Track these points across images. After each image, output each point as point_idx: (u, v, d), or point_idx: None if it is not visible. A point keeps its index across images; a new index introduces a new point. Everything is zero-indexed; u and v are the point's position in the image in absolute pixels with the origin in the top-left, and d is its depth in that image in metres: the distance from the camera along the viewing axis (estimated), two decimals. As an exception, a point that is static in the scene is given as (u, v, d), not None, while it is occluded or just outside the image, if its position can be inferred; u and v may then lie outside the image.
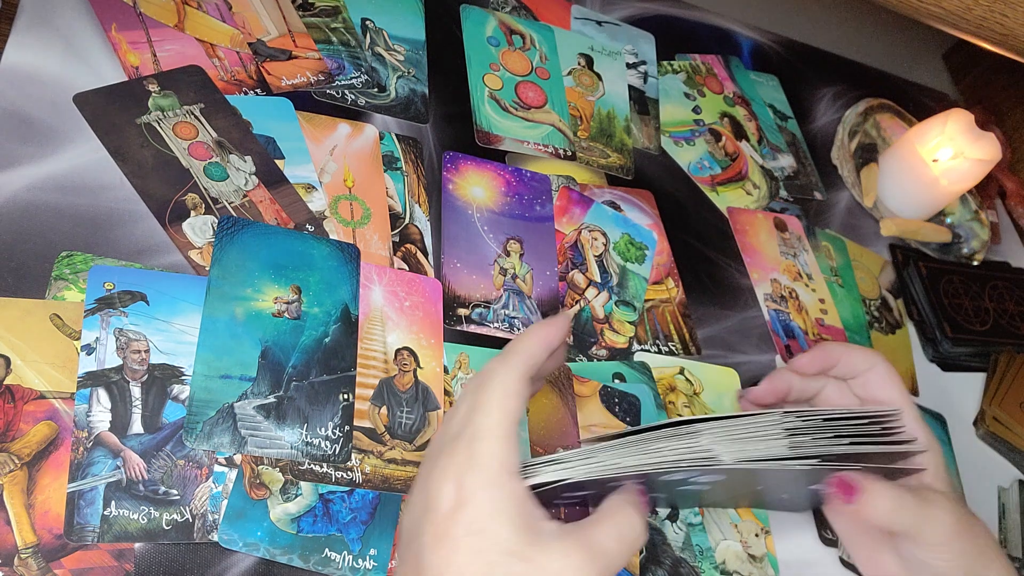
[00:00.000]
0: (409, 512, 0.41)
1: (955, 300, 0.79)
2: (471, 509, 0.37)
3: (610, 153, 0.69)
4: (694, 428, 0.41)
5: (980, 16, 0.61)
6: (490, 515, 0.37)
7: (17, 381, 0.42)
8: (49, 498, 0.41)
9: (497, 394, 0.39)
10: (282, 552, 0.44)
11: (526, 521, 0.37)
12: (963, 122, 0.79)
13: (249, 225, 0.51)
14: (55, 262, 0.46)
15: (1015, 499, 0.70)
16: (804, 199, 0.79)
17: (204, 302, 0.47)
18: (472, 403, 0.40)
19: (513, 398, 0.39)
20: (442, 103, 0.65)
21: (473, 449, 0.38)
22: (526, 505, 0.37)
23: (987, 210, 0.88)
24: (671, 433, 0.41)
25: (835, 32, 1.00)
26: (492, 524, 0.36)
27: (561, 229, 0.63)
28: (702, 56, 0.82)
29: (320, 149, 0.57)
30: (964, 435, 0.73)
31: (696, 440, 0.40)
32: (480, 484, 0.37)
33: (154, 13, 0.57)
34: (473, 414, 0.39)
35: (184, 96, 0.54)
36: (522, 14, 0.74)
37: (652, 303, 0.63)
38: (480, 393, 0.40)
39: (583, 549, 0.37)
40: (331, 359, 0.49)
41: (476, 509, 0.37)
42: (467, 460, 0.38)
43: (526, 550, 0.36)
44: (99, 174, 0.50)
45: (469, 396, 0.41)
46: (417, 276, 0.55)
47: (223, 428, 0.45)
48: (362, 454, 0.48)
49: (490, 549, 0.36)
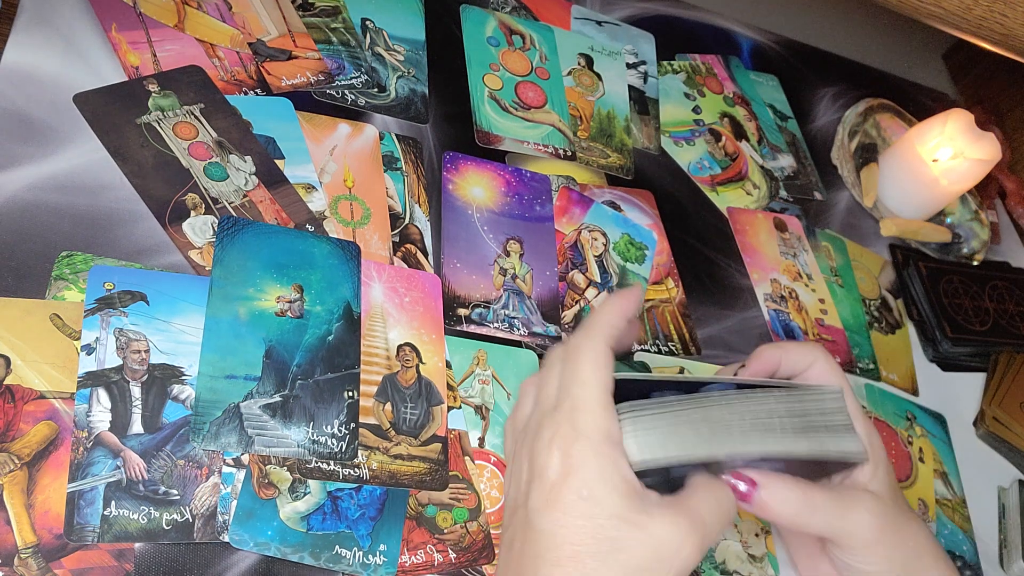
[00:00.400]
0: (513, 483, 0.43)
1: (955, 300, 0.79)
2: (580, 475, 0.38)
3: (610, 153, 0.69)
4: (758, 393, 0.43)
5: (980, 16, 0.61)
6: (598, 481, 0.38)
7: (17, 381, 0.42)
8: (49, 498, 0.41)
9: (589, 366, 0.41)
10: (293, 551, 0.44)
11: (631, 488, 0.39)
12: (963, 122, 0.79)
13: (250, 225, 0.51)
14: (55, 262, 0.46)
15: (1015, 499, 0.70)
16: (804, 199, 0.79)
17: (207, 303, 0.47)
18: (565, 376, 0.41)
19: (603, 368, 0.41)
20: (442, 103, 0.65)
21: (575, 420, 0.40)
22: (629, 473, 0.39)
23: (987, 210, 0.88)
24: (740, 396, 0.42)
25: (835, 32, 1.00)
26: (601, 490, 0.38)
27: (561, 229, 0.63)
28: (702, 56, 0.82)
29: (320, 149, 0.57)
30: (964, 435, 0.73)
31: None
32: (587, 453, 0.39)
33: (154, 13, 0.57)
34: (570, 386, 0.41)
35: (184, 96, 0.54)
36: (522, 14, 0.74)
37: (652, 303, 0.63)
38: (571, 365, 0.41)
39: (687, 518, 0.39)
40: (335, 357, 0.49)
41: (585, 476, 0.38)
42: (571, 431, 0.39)
43: (634, 516, 0.38)
44: (99, 174, 0.50)
45: (557, 370, 0.43)
46: (416, 272, 0.55)
47: (230, 428, 0.45)
48: (368, 450, 0.48)
49: (599, 513, 0.38)
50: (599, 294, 0.61)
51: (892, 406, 0.69)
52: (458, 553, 0.47)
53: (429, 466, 0.49)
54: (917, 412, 0.71)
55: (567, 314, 0.59)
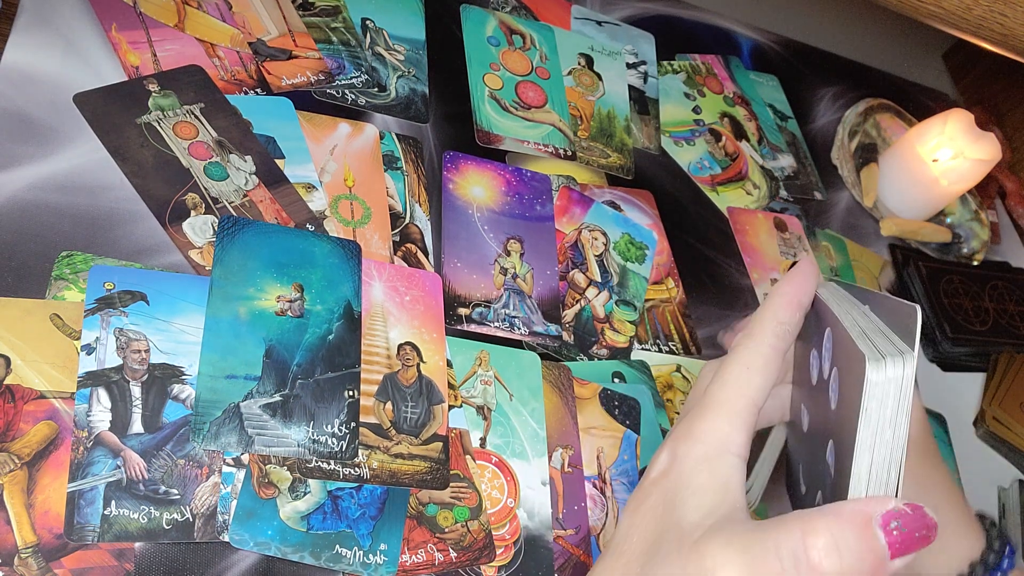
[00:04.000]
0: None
1: (955, 300, 0.79)
2: (673, 478, 0.34)
3: (610, 153, 0.69)
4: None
5: (980, 16, 0.61)
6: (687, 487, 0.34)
7: (17, 381, 0.42)
8: (49, 498, 0.40)
9: (735, 368, 0.36)
10: (293, 550, 0.44)
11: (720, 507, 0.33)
12: (963, 122, 0.79)
13: (250, 224, 0.51)
14: (55, 262, 0.46)
15: (1015, 499, 0.70)
16: (804, 199, 0.79)
17: (207, 302, 0.47)
18: (715, 376, 0.37)
19: (755, 373, 0.35)
20: (442, 103, 0.65)
21: (693, 422, 0.35)
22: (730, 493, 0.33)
23: (987, 210, 0.88)
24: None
25: (835, 32, 1.00)
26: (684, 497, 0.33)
27: (561, 229, 0.63)
28: (702, 56, 0.82)
29: (320, 149, 0.57)
30: (964, 435, 0.73)
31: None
32: (692, 456, 0.34)
33: (154, 13, 0.56)
34: (710, 386, 0.36)
35: (184, 96, 0.54)
36: (522, 14, 0.74)
37: (652, 303, 0.63)
38: (722, 365, 0.37)
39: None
40: (335, 356, 0.49)
41: (677, 479, 0.34)
42: (686, 431, 0.35)
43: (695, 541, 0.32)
44: (99, 174, 0.50)
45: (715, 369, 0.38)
46: (416, 271, 0.55)
47: (230, 428, 0.45)
48: (369, 450, 0.48)
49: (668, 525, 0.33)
50: (599, 293, 0.61)
51: (892, 406, 0.69)
52: (459, 552, 0.47)
53: (430, 465, 0.49)
54: (917, 412, 0.71)
55: (568, 313, 0.59)
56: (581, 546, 0.51)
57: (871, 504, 0.30)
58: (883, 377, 0.31)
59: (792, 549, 0.29)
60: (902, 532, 0.29)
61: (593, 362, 0.58)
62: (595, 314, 0.60)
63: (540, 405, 0.54)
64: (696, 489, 0.34)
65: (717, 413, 0.35)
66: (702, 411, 0.35)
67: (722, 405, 0.35)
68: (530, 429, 0.53)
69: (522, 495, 0.50)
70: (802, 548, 0.29)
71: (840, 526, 0.29)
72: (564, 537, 0.50)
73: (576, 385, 0.56)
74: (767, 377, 0.36)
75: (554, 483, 0.52)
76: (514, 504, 0.50)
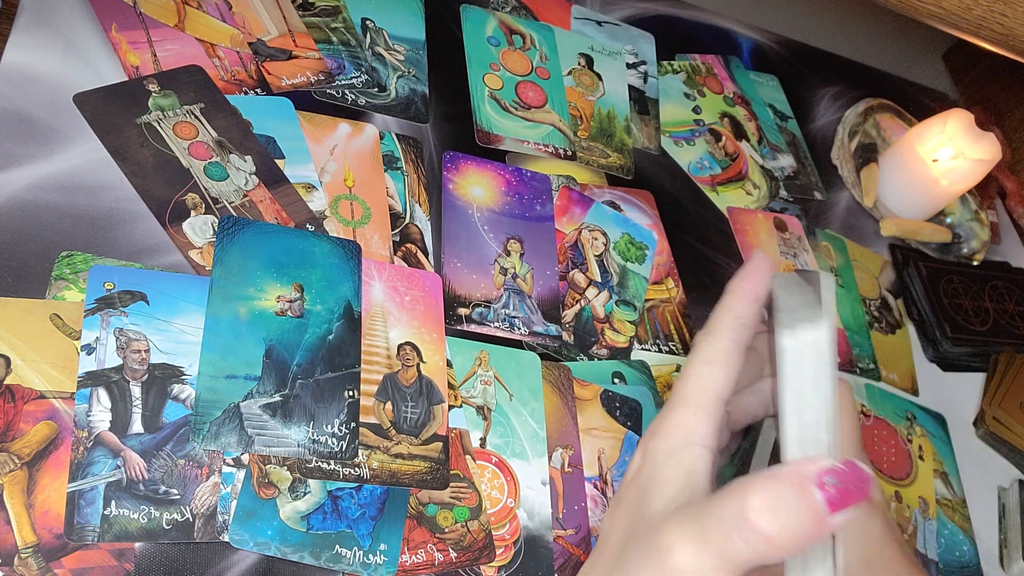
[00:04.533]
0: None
1: (955, 300, 0.79)
2: (646, 473, 0.36)
3: (610, 153, 0.69)
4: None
5: (980, 16, 0.61)
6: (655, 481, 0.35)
7: (17, 381, 0.42)
8: (49, 498, 0.40)
9: (696, 364, 0.37)
10: (293, 550, 0.44)
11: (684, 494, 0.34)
12: (963, 122, 0.79)
13: (250, 224, 0.51)
14: (55, 262, 0.46)
15: (1015, 499, 0.70)
16: (804, 199, 0.79)
17: (207, 302, 0.47)
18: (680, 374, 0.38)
19: (716, 367, 0.36)
20: (442, 103, 0.65)
21: (661, 419, 0.37)
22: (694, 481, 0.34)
23: (987, 210, 0.88)
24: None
25: (835, 32, 1.00)
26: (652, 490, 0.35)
27: (561, 229, 0.63)
28: (702, 56, 0.82)
29: (320, 149, 0.57)
30: (964, 435, 0.73)
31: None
32: (660, 451, 0.36)
33: (154, 13, 0.56)
34: (675, 384, 0.38)
35: (184, 96, 0.54)
36: (522, 14, 0.74)
37: (652, 303, 0.63)
38: (685, 363, 0.38)
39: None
40: (335, 356, 0.49)
41: (649, 474, 0.35)
42: (654, 429, 0.37)
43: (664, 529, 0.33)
44: (99, 174, 0.50)
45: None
46: (416, 271, 0.55)
47: (230, 428, 0.45)
48: (369, 450, 0.48)
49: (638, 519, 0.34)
50: (599, 293, 0.61)
51: (892, 406, 0.69)
52: (459, 552, 0.47)
53: (430, 465, 0.49)
54: (917, 412, 0.71)
55: (567, 313, 0.59)
56: (581, 546, 0.51)
57: (805, 464, 0.30)
58: (796, 343, 0.33)
59: (733, 513, 0.30)
60: (838, 487, 0.30)
61: (593, 362, 0.58)
62: (595, 314, 0.60)
63: (540, 405, 0.54)
64: (662, 481, 0.35)
65: (682, 408, 0.36)
66: (668, 408, 0.37)
67: (686, 399, 0.36)
68: (530, 429, 0.53)
69: (522, 495, 0.50)
70: (741, 510, 0.30)
71: (775, 486, 0.30)
72: (564, 537, 0.50)
73: (577, 386, 0.56)
74: (728, 370, 0.37)
75: (554, 483, 0.52)
76: (514, 504, 0.50)
